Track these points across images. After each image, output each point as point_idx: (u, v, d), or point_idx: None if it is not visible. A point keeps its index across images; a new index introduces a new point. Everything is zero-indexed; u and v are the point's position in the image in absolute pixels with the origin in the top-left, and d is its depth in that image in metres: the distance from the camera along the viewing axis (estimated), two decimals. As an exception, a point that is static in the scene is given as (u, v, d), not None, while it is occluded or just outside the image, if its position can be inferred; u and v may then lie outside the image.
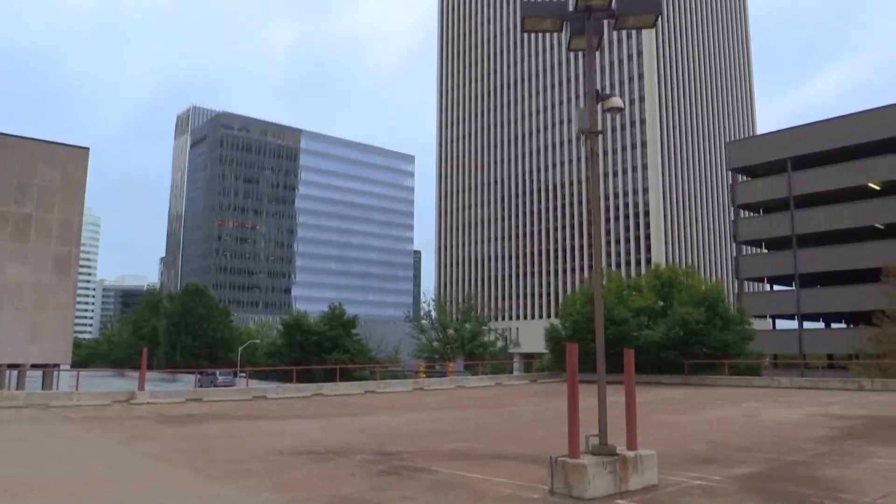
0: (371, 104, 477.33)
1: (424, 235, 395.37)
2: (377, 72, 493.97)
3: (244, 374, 62.24)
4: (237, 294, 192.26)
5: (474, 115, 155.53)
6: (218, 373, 65.04)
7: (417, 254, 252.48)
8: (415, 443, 17.85)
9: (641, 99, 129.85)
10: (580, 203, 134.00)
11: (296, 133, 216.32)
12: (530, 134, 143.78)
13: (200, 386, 47.46)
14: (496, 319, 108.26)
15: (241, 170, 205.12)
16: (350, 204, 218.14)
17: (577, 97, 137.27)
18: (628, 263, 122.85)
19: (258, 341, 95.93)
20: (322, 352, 71.58)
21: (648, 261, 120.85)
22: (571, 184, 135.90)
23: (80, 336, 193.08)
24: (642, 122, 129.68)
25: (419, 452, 16.05)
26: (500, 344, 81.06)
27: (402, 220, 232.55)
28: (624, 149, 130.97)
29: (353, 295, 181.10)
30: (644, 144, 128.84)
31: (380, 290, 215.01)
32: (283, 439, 18.20)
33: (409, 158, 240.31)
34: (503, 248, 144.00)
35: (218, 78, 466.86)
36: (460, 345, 74.99)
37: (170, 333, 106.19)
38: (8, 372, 40.99)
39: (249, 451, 15.92)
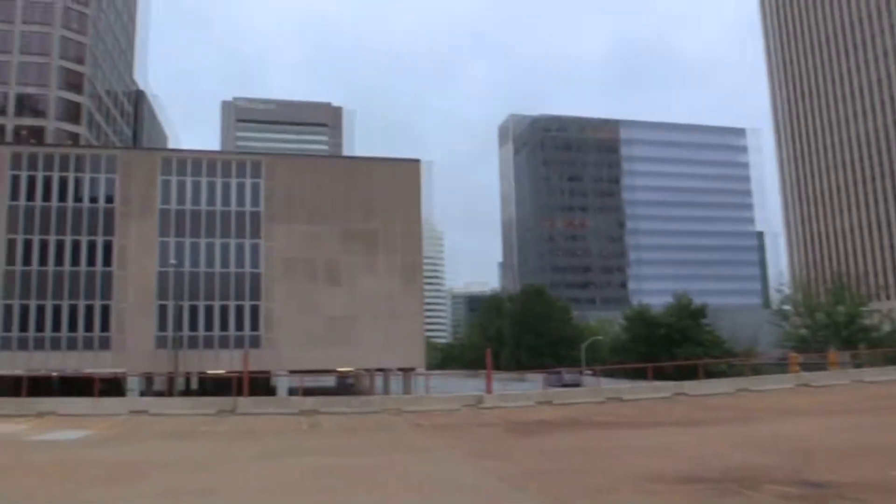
0: (694, 84, 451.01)
1: (766, 214, 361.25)
2: (697, 50, 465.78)
3: (591, 372, 59.62)
4: (573, 292, 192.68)
5: (811, 69, 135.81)
6: (564, 371, 63.38)
7: (760, 235, 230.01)
8: (844, 465, 12.78)
9: None
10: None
11: (615, 125, 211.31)
12: (884, 80, 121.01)
13: (548, 385, 45.73)
14: (869, 300, 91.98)
15: (565, 169, 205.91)
16: (680, 189, 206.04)
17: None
18: None
19: (601, 338, 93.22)
20: (671, 345, 66.11)
21: None
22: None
23: (437, 340, 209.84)
24: None
25: (864, 485, 11.05)
26: (885, 328, 67.62)
27: (739, 199, 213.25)
28: None
29: (693, 284, 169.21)
30: None
31: (722, 278, 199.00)
32: (656, 457, 14.39)
33: (740, 132, 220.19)
34: (865, 216, 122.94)
35: (541, 84, 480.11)
36: (834, 331, 63.83)
37: (514, 334, 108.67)
38: (371, 376, 43.24)
39: (619, 475, 12.40)
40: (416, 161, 53.73)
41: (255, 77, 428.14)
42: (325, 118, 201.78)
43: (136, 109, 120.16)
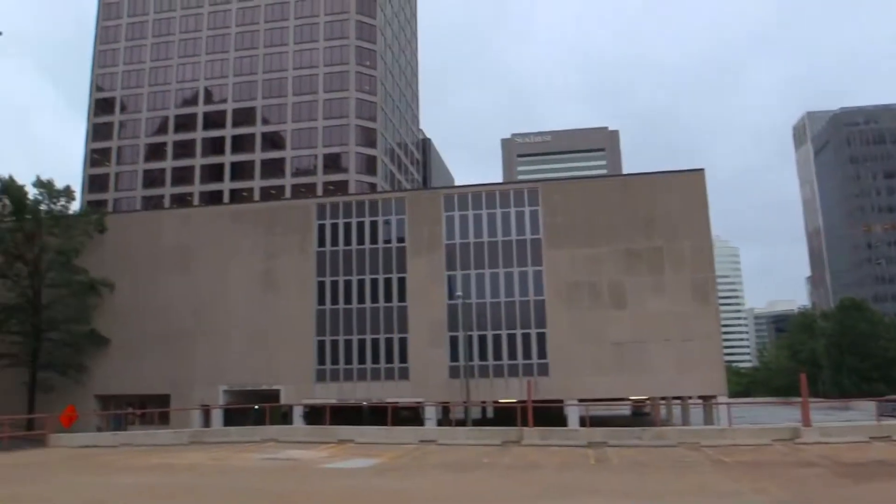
0: None
1: None
2: None
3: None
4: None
5: None
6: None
7: None
8: None
9: None
10: None
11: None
12: None
13: (883, 416, 38.60)
14: None
15: (878, 165, 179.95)
16: None
17: None
18: None
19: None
20: None
21: None
22: None
23: (739, 365, 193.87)
24: None
25: None
26: None
27: None
28: None
29: None
30: None
31: None
32: None
33: None
34: None
35: (834, 76, 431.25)
36: None
37: (830, 355, 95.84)
38: (667, 405, 40.08)
39: None
40: (699, 171, 49.73)
41: (533, 110, 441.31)
42: (602, 143, 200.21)
43: (424, 156, 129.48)
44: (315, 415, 47.85)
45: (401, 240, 52.42)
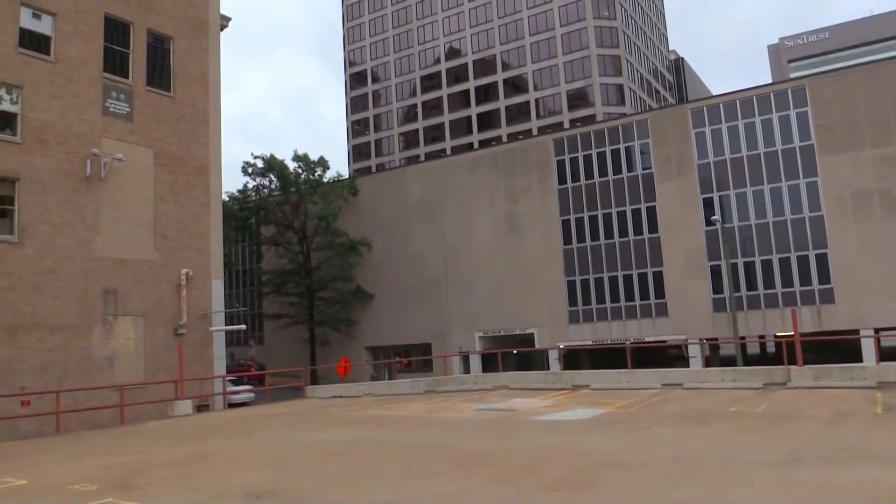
0: None
1: None
2: None
3: None
4: None
5: None
6: None
7: None
8: None
9: None
10: None
11: None
12: None
13: None
14: None
15: None
16: None
17: None
18: None
19: None
20: None
21: None
22: None
23: None
24: None
25: None
26: None
27: None
28: None
29: None
30: None
31: None
32: None
33: None
34: None
35: None
36: None
37: None
38: None
39: None
40: None
41: (806, 8, 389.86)
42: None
43: (678, 77, 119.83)
44: (572, 357, 46.21)
45: (646, 167, 48.15)
